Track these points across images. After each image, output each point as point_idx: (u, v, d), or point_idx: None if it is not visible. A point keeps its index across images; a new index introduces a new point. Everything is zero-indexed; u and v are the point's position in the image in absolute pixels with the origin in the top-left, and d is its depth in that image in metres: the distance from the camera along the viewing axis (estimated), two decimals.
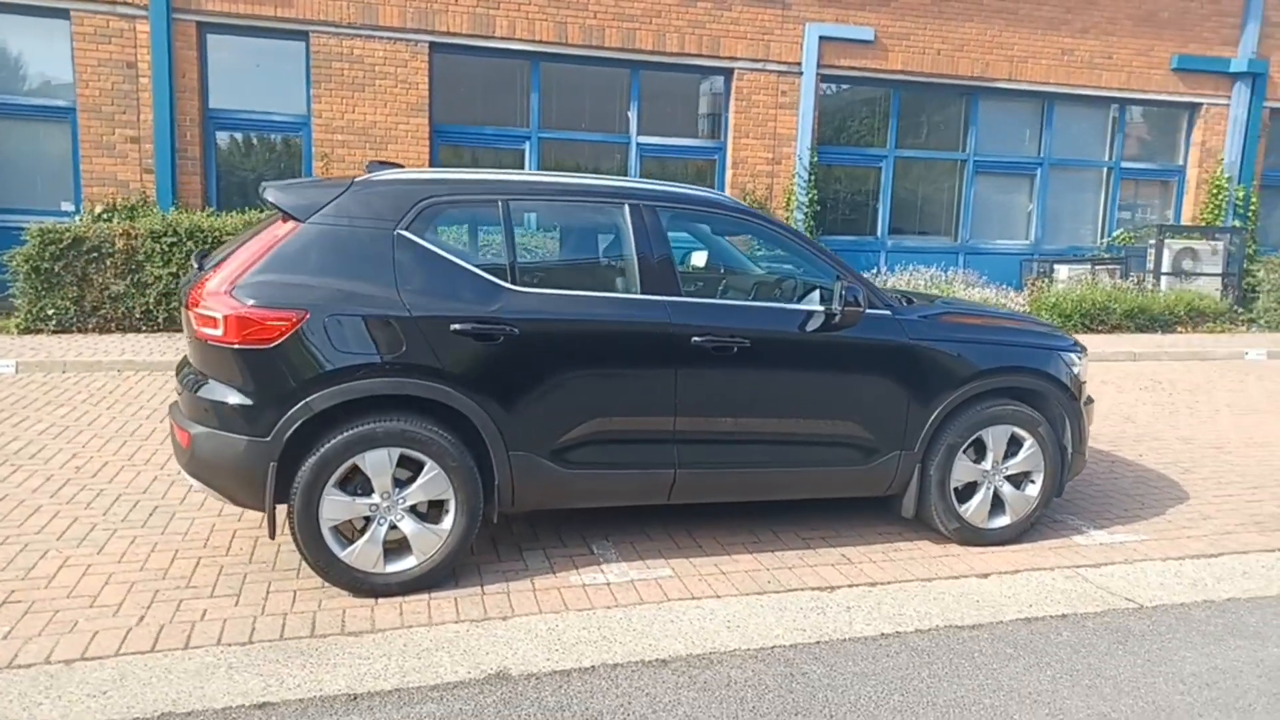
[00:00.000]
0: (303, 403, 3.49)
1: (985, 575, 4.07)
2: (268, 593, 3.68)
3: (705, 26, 11.39)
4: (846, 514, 4.67)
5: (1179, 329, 11.90)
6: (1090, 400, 4.66)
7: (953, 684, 3.11)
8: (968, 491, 4.35)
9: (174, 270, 8.65)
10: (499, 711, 2.88)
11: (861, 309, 4.03)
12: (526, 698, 2.96)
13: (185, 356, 4.15)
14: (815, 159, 11.94)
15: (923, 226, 13.05)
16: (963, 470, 4.30)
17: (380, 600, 3.64)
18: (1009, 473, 4.38)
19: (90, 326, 8.72)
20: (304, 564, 3.89)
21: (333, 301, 3.54)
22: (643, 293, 3.92)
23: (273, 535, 3.63)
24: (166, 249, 8.62)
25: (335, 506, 3.57)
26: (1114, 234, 13.63)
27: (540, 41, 10.88)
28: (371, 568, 3.64)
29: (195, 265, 3.96)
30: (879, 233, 12.66)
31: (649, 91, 11.72)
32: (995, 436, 4.33)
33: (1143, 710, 2.96)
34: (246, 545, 4.14)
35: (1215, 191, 13.69)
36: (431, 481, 3.64)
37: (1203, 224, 13.64)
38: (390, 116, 10.62)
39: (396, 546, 3.70)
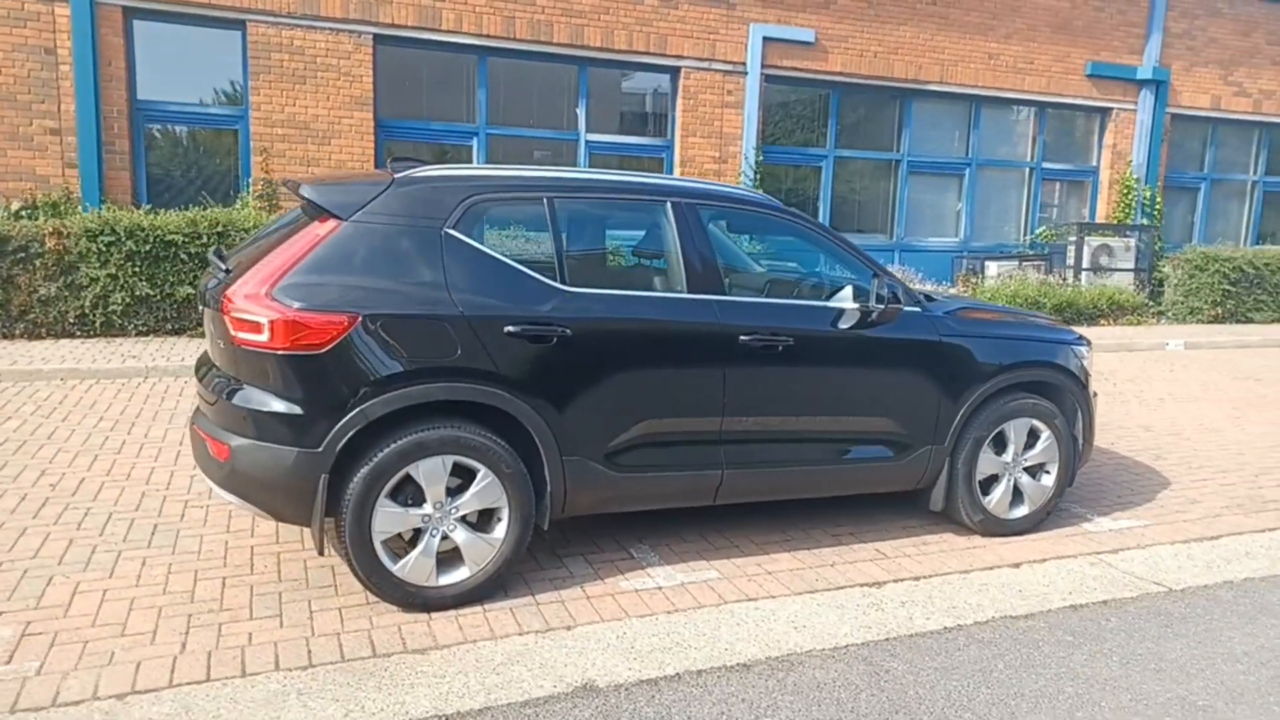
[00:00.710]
0: (357, 410, 3.31)
1: (1017, 565, 4.19)
2: (311, 612, 3.49)
3: (652, 24, 11.37)
4: (868, 509, 4.73)
5: (1102, 322, 12.53)
6: (1095, 393, 4.85)
7: (1031, 674, 3.18)
8: (989, 483, 4.47)
9: (112, 272, 8.11)
10: None
11: (901, 306, 4.09)
12: (623, 710, 2.88)
13: (204, 358, 3.91)
14: (761, 158, 12.08)
15: (860, 225, 13.36)
16: (986, 463, 4.42)
17: (434, 615, 3.50)
18: (1027, 464, 4.52)
19: (18, 332, 8.09)
20: (339, 580, 3.73)
21: (384, 303, 3.38)
22: (689, 291, 3.88)
23: (321, 551, 3.44)
24: (104, 249, 8.07)
25: (388, 518, 3.41)
26: (1036, 231, 14.26)
27: (487, 35, 10.66)
28: (424, 581, 3.49)
29: (219, 264, 3.72)
30: None
31: (597, 89, 11.63)
32: (1016, 429, 4.46)
33: (1216, 690, 3.09)
34: (269, 562, 3.91)
35: (1125, 191, 14.48)
36: (485, 489, 3.52)
37: (1115, 222, 14.40)
38: (333, 110, 10.22)
39: (447, 558, 3.56)
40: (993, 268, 13.28)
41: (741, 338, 3.86)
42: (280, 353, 3.28)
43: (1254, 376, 9.53)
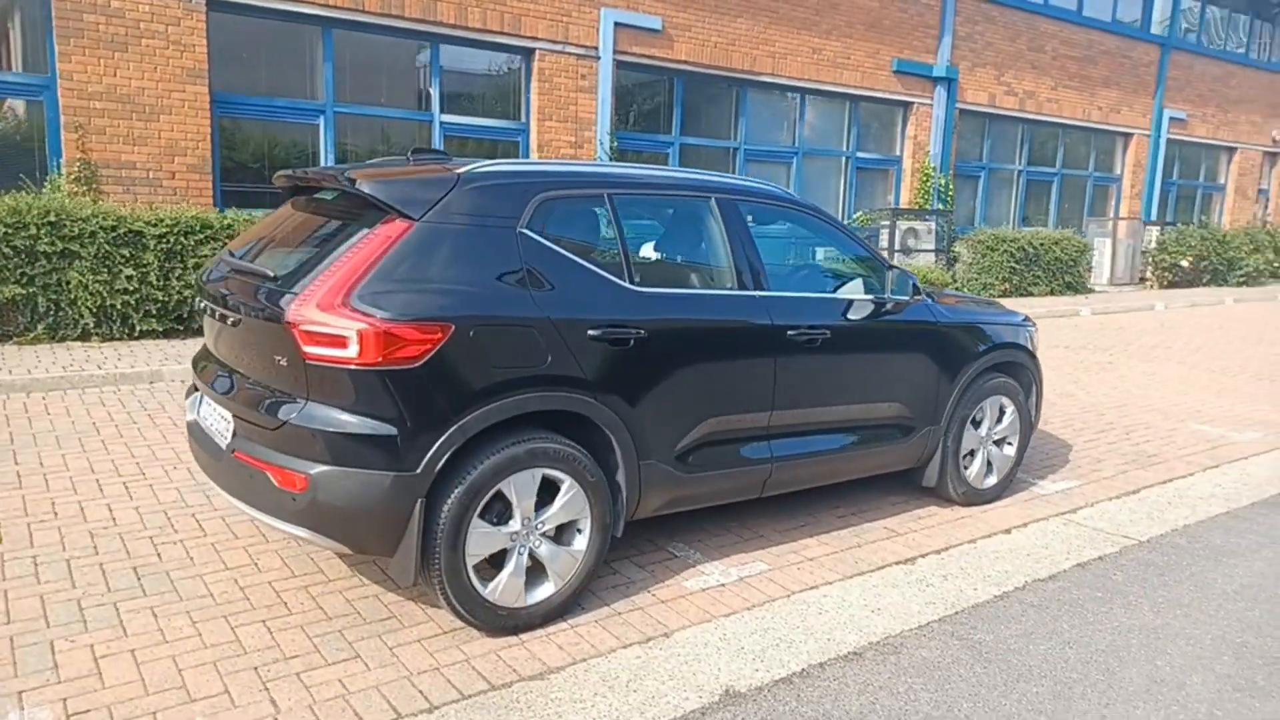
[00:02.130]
0: (456, 427, 3.07)
1: (1008, 531, 4.59)
2: (390, 649, 3.20)
3: (506, 4, 11.05)
4: (852, 489, 4.97)
5: None
6: None
7: (1095, 631, 3.53)
8: (969, 458, 4.86)
9: None
10: None
11: (917, 296, 4.34)
12: (781, 711, 2.90)
13: (217, 372, 3.44)
14: (615, 144, 12.13)
15: None
16: (968, 439, 4.80)
17: (523, 636, 3.33)
18: (996, 437, 4.96)
19: None
20: (394, 610, 3.46)
21: (474, 310, 3.14)
22: (738, 288, 3.91)
23: (415, 581, 3.16)
24: None
25: (480, 540, 3.20)
26: (854, 216, 15.35)
27: (333, 6, 9.91)
28: (515, 602, 3.31)
29: (263, 271, 3.27)
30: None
31: (452, 68, 11.15)
32: (990, 407, 4.87)
33: (1240, 626, 3.59)
34: (303, 599, 3.53)
35: (925, 179, 15.92)
36: (571, 501, 3.38)
37: (916, 207, 15.81)
38: (161, 83, 9.10)
39: (531, 575, 3.39)
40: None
41: (788, 332, 3.94)
42: (370, 368, 2.96)
43: (1063, 344, 10.89)
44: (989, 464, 4.94)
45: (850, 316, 4.21)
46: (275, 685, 2.94)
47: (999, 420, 4.95)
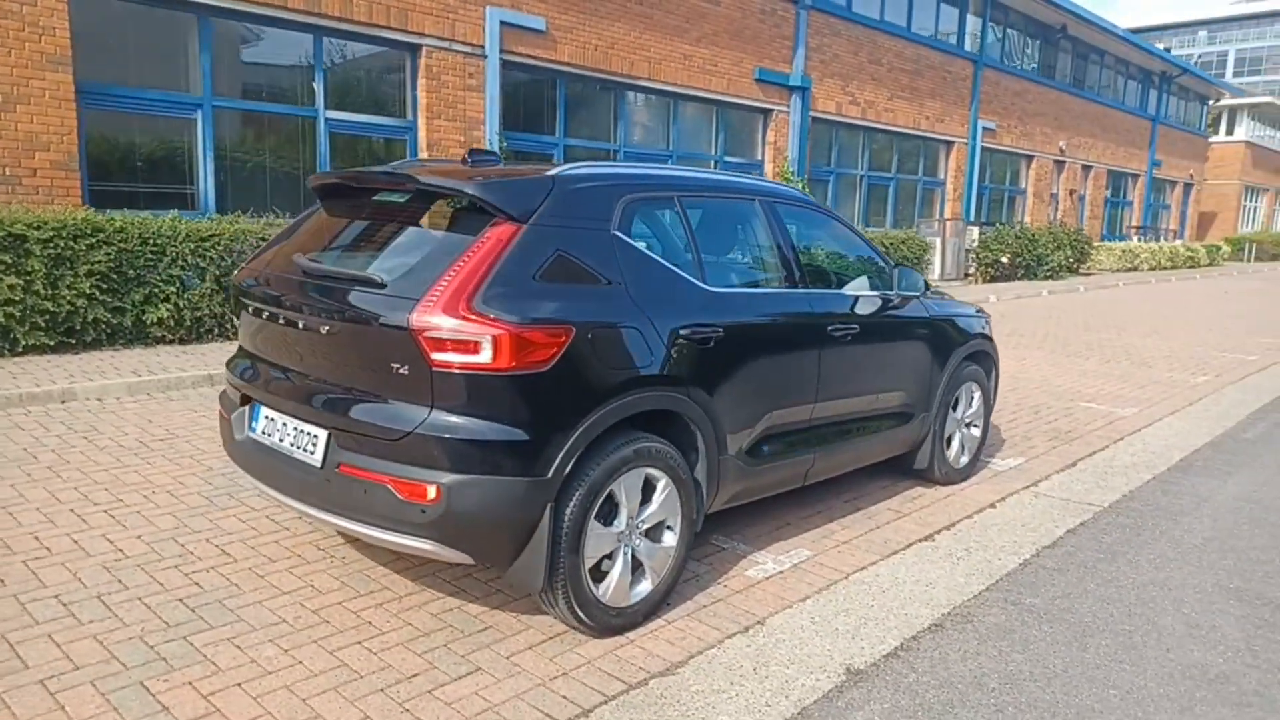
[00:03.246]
0: (581, 430, 3.06)
1: (993, 505, 5.02)
2: (505, 658, 3.14)
3: None
4: (847, 478, 5.24)
5: None
6: None
7: (1116, 587, 3.96)
8: (948, 440, 5.27)
9: None
10: (918, 696, 3.00)
11: (923, 292, 4.68)
12: (906, 683, 3.10)
13: (290, 383, 3.24)
14: (505, 144, 11.99)
15: None
16: (949, 423, 5.21)
17: (629, 635, 3.36)
18: (967, 421, 5.41)
19: None
20: (486, 619, 3.41)
21: (588, 313, 3.15)
22: (786, 285, 4.08)
23: (543, 587, 3.11)
24: None
25: (596, 542, 3.21)
26: None
27: None
28: (623, 602, 3.34)
29: (370, 277, 3.11)
30: None
31: (337, 63, 10.65)
32: (964, 392, 5.31)
33: (1233, 567, 4.13)
34: (385, 617, 3.39)
35: (784, 182, 16.71)
36: (667, 498, 3.44)
37: None
38: (17, 69, 8.16)
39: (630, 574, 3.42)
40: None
41: (829, 327, 4.16)
42: (502, 373, 2.90)
43: None
44: (962, 445, 5.38)
45: (871, 311, 4.48)
46: (416, 705, 2.83)
47: (970, 404, 5.40)
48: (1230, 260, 37.51)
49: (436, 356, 2.88)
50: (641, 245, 3.46)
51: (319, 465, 3.13)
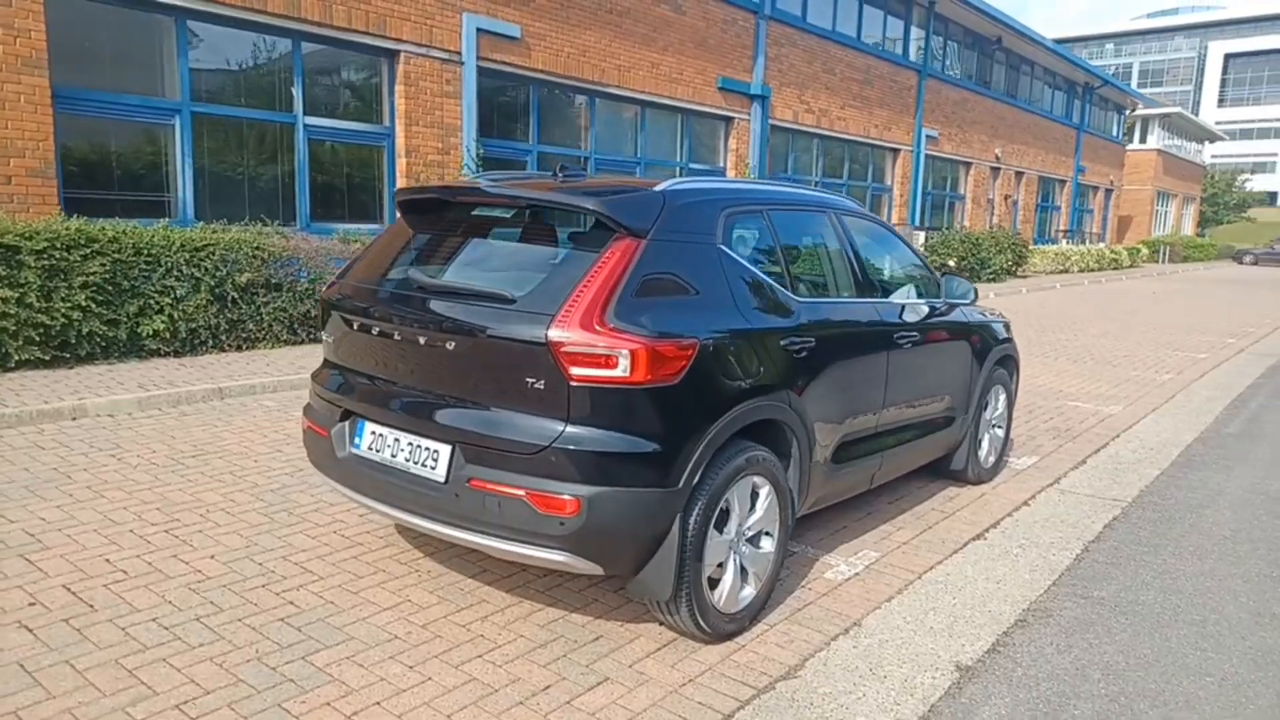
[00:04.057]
0: (707, 441, 3.11)
1: (1027, 503, 5.23)
2: (628, 667, 3.17)
3: (371, 3, 10.53)
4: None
5: None
6: None
7: (1173, 578, 4.18)
8: (979, 442, 5.47)
9: None
10: (1032, 690, 3.13)
11: (966, 299, 4.86)
12: (1016, 677, 3.24)
13: (403, 398, 3.22)
14: (482, 150, 11.92)
15: None
16: (981, 425, 5.40)
17: (738, 640, 3.42)
18: (993, 423, 5.61)
19: None
20: (593, 629, 3.43)
21: (707, 325, 3.21)
22: (857, 295, 4.20)
23: (673, 602, 3.15)
24: None
25: (714, 549, 3.27)
26: None
27: None
28: (734, 608, 3.41)
29: (498, 293, 3.11)
30: None
31: (317, 68, 10.45)
32: (993, 395, 5.52)
33: (1266, 556, 4.39)
34: (495, 630, 3.38)
35: None
36: (770, 506, 3.52)
37: None
38: None
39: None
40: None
41: (895, 335, 4.30)
42: (638, 386, 2.94)
43: None
44: (991, 446, 5.58)
45: (926, 319, 4.63)
46: (560, 717, 2.85)
47: (997, 407, 5.60)
48: (1147, 262, 39.30)
49: (574, 371, 2.90)
50: (741, 258, 3.53)
51: (442, 480, 3.12)
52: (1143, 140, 45.90)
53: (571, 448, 2.92)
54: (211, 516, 4.37)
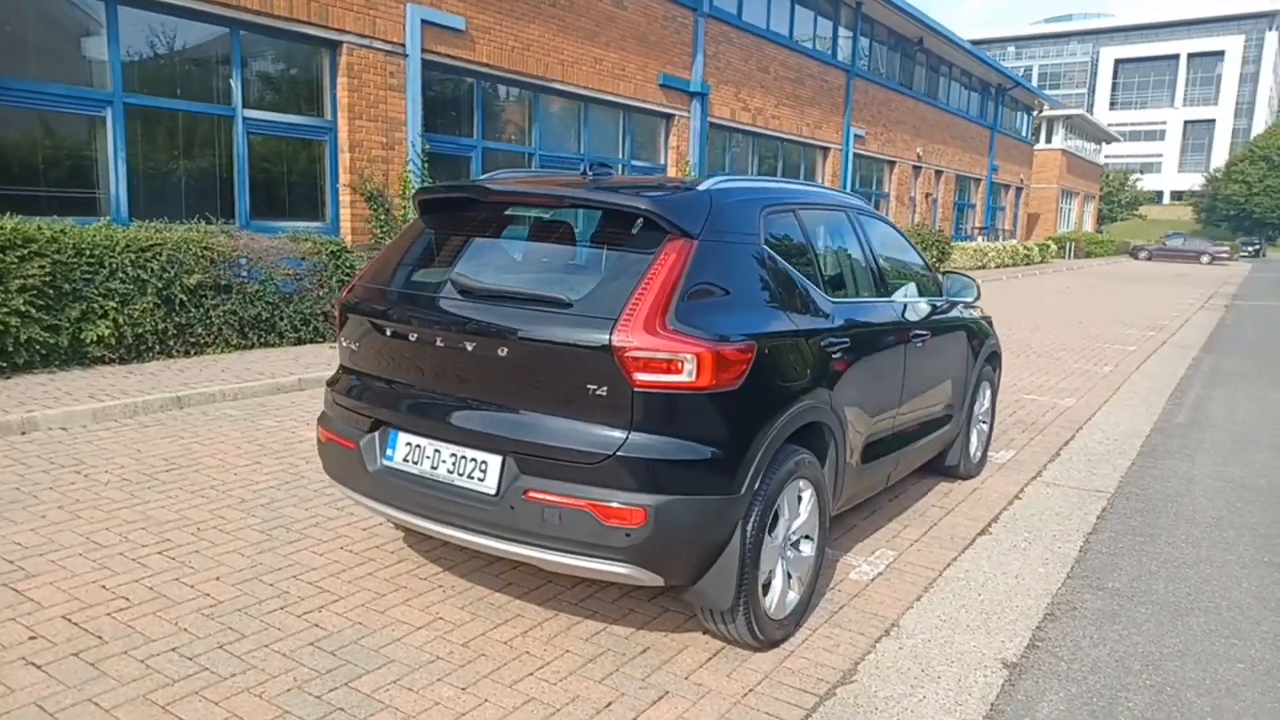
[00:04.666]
0: (765, 445, 3.06)
1: (1018, 496, 5.34)
2: (684, 679, 3.09)
3: None
4: None
5: None
6: None
7: (1175, 566, 4.31)
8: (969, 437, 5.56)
9: None
10: (1082, 684, 3.17)
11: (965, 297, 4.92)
12: (1062, 671, 3.28)
13: (446, 408, 3.07)
14: (428, 146, 11.60)
15: None
16: (972, 421, 5.49)
17: (785, 647, 3.38)
18: (980, 418, 5.72)
19: None
20: (645, 641, 3.35)
21: (760, 327, 3.16)
22: (877, 295, 4.20)
23: (732, 605, 3.07)
24: None
25: (768, 555, 3.23)
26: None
27: None
28: (784, 614, 3.36)
29: (556, 298, 2.98)
30: None
31: (256, 59, 9.99)
32: (983, 391, 5.61)
33: (1257, 542, 4.57)
34: (538, 646, 3.26)
35: None
36: (812, 509, 3.49)
37: None
38: None
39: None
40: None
41: (912, 334, 4.32)
42: (703, 392, 2.86)
43: None
44: (979, 441, 5.68)
45: (934, 317, 4.67)
46: None
47: (983, 402, 5.71)
48: (1055, 258, 40.98)
49: (640, 377, 2.80)
50: (780, 258, 3.48)
51: (493, 493, 2.98)
52: (1048, 140, 47.79)
53: (636, 456, 2.83)
54: (204, 535, 4.11)
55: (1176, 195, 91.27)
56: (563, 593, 3.69)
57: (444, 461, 3.11)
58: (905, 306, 4.38)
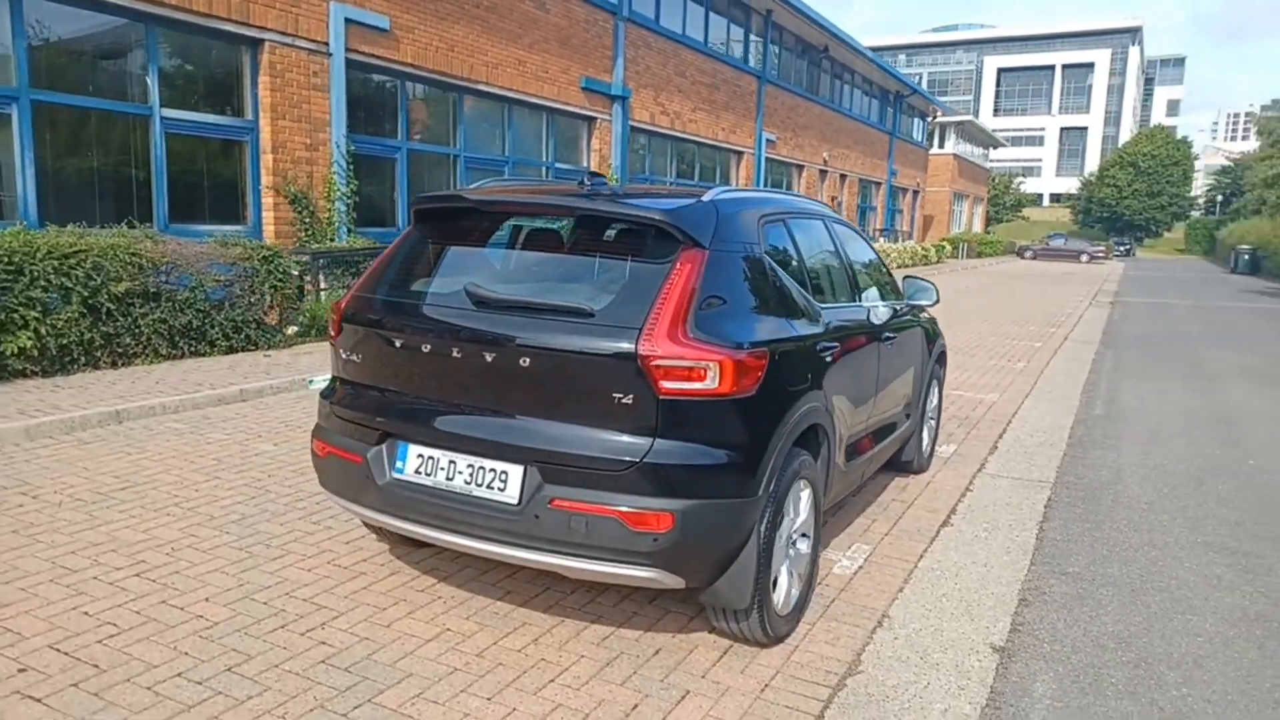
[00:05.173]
0: (778, 448, 3.16)
1: (969, 489, 5.62)
2: (701, 677, 3.17)
3: None
4: None
5: None
6: None
7: (1129, 549, 4.62)
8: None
9: None
10: (1068, 664, 3.39)
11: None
12: (1045, 652, 3.50)
13: (459, 417, 3.07)
14: (352, 147, 11.34)
15: None
16: (923, 418, 5.75)
17: (789, 642, 3.49)
18: (929, 415, 5.98)
19: None
20: (649, 643, 3.43)
21: (773, 334, 3.26)
22: (851, 301, 4.36)
23: (749, 612, 3.16)
24: None
25: (779, 554, 3.32)
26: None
27: None
28: (787, 610, 3.47)
29: (581, 308, 3.00)
30: (400, 224, 12.61)
31: (175, 56, 9.58)
32: (933, 389, 5.87)
33: (1196, 522, 4.93)
34: (551, 652, 3.29)
35: None
36: (810, 508, 3.61)
37: None
38: None
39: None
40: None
41: (881, 335, 4.50)
42: (724, 398, 2.95)
43: None
44: (928, 437, 5.94)
45: (897, 319, 4.87)
46: None
47: (934, 399, 5.97)
48: (950, 258, 42.75)
49: (665, 385, 2.86)
50: (776, 265, 3.59)
51: (515, 502, 2.99)
52: (941, 145, 49.82)
53: (663, 462, 2.89)
54: (180, 555, 3.96)
55: (1055, 198, 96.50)
56: (563, 599, 3.72)
57: (460, 473, 3.10)
58: (876, 310, 4.56)
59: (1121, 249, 61.77)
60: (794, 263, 3.82)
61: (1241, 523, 5.13)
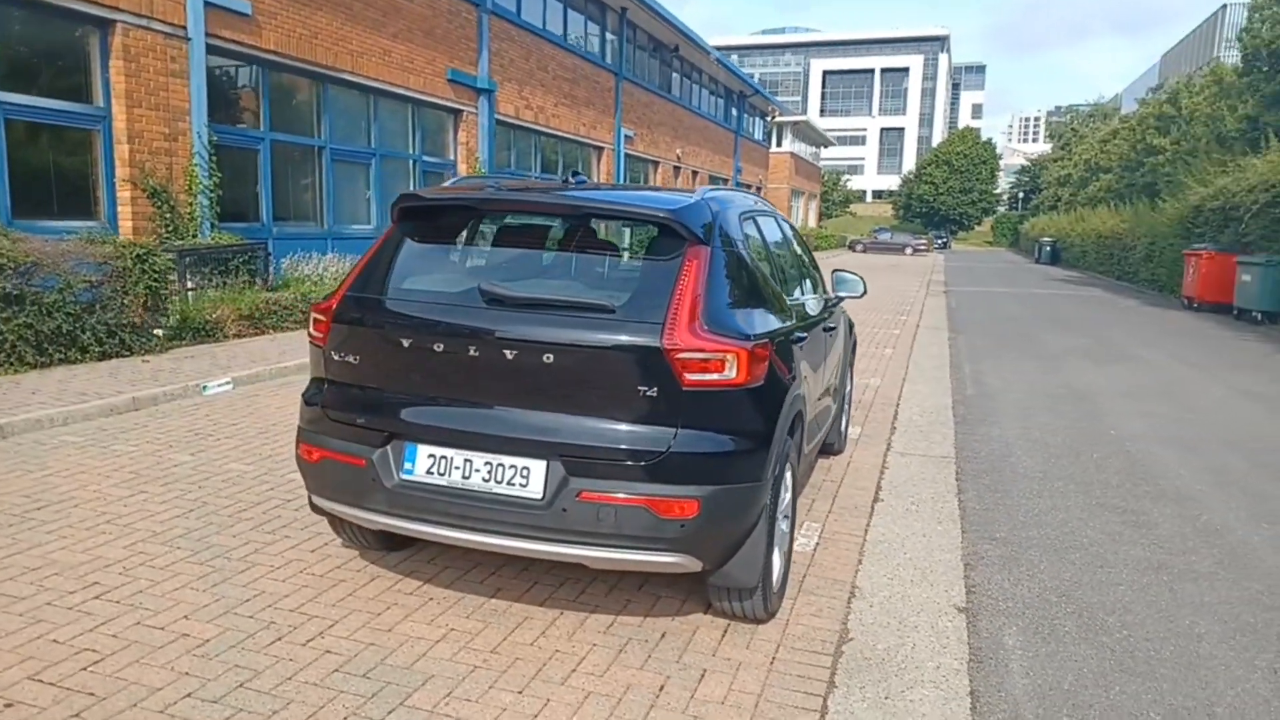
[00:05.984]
0: (784, 433, 3.33)
1: (886, 467, 6.01)
2: (714, 655, 3.31)
3: None
4: None
5: None
6: None
7: (1063, 516, 5.10)
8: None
9: None
10: (1026, 618, 3.75)
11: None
12: (1010, 609, 3.85)
13: (475, 415, 3.07)
14: (214, 137, 10.68)
15: (295, 213, 12.77)
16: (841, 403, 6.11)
17: (780, 618, 3.67)
18: (845, 400, 6.35)
19: None
20: (656, 627, 3.56)
21: (765, 325, 3.42)
22: (806, 292, 4.60)
23: (758, 584, 3.30)
24: None
25: (778, 535, 3.49)
26: None
27: None
28: (779, 586, 3.65)
29: (601, 304, 3.03)
30: (264, 219, 11.98)
31: (14, 36, 8.71)
32: (849, 375, 6.24)
33: (1079, 473, 5.49)
34: (561, 643, 3.34)
35: None
36: (791, 488, 3.81)
37: None
38: None
39: None
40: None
41: (826, 326, 4.77)
42: (740, 387, 3.09)
43: None
44: (845, 420, 6.32)
45: (833, 309, 5.16)
46: (699, 711, 2.92)
47: (849, 384, 6.35)
48: None
49: (689, 376, 2.97)
50: (760, 262, 3.76)
51: (539, 497, 3.01)
52: (779, 144, 51.91)
53: (687, 450, 2.99)
54: (136, 574, 3.71)
55: (878, 194, 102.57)
56: (554, 592, 3.75)
57: (477, 471, 3.08)
58: (821, 301, 4.83)
59: (940, 242, 66.44)
60: (768, 257, 4.01)
61: (1121, 485, 5.77)
